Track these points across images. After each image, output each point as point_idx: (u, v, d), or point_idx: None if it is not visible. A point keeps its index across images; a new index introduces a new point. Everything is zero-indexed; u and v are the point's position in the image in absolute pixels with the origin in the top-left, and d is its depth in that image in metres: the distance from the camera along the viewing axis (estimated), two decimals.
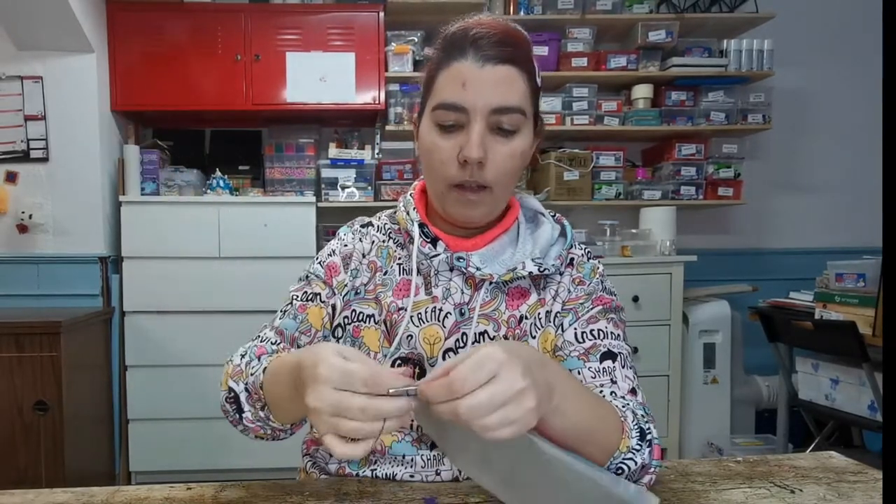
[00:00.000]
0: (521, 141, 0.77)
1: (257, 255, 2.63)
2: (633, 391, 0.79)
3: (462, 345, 0.83)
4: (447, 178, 0.77)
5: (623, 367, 0.80)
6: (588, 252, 0.90)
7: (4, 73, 2.56)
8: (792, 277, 2.87)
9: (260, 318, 2.98)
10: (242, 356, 0.79)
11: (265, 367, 0.73)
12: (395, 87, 2.78)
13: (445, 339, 0.83)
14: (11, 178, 2.59)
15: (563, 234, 0.88)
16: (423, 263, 0.84)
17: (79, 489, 0.77)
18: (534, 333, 0.84)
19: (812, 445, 2.29)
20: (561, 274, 0.86)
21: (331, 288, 0.86)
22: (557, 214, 0.91)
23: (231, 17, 2.71)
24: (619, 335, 0.84)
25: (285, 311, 0.86)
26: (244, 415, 0.74)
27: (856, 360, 2.01)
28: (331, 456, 0.88)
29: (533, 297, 0.85)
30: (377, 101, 2.76)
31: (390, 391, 0.56)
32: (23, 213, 2.57)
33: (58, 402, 2.18)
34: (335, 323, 0.86)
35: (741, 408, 2.92)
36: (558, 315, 0.85)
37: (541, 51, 2.79)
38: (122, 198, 2.63)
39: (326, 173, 2.80)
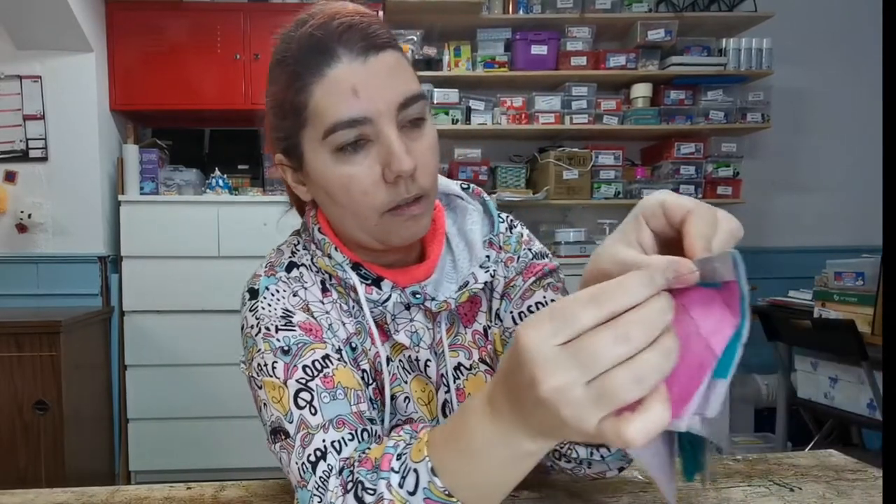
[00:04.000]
0: (431, 127, 0.65)
1: (257, 254, 2.60)
2: None
3: (448, 390, 0.70)
4: (377, 206, 0.62)
5: None
6: (509, 220, 0.77)
7: (3, 72, 2.56)
8: (791, 276, 2.87)
9: None
10: (348, 483, 0.53)
11: (432, 467, 0.48)
12: None
13: (436, 391, 0.71)
14: (10, 177, 2.59)
15: (485, 210, 0.75)
16: (374, 311, 0.68)
17: (79, 489, 0.77)
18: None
19: (811, 444, 2.29)
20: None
21: (330, 342, 0.66)
22: (473, 187, 0.77)
23: (230, 16, 2.71)
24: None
25: (309, 402, 0.60)
26: None
27: (855, 359, 2.01)
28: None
29: (484, 302, 0.74)
30: None
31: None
32: (22, 212, 2.56)
33: (57, 402, 2.18)
34: None
35: (740, 406, 2.92)
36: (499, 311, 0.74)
37: (540, 50, 2.79)
38: (121, 197, 2.62)
39: None
